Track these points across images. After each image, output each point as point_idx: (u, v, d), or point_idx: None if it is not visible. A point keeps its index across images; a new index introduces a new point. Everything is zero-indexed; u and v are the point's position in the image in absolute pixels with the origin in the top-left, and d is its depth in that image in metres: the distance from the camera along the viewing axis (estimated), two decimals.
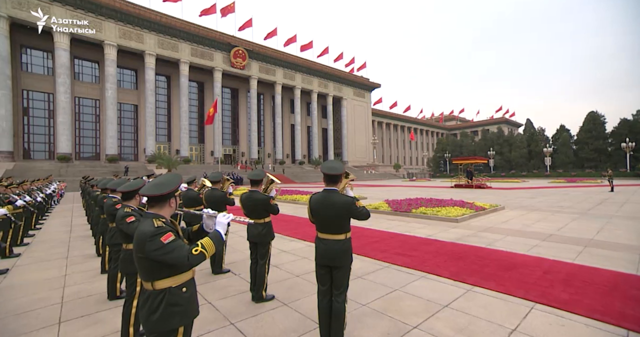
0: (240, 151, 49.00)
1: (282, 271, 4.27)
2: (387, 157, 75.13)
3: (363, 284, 3.68)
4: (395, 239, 6.02)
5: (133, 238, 1.49)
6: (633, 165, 36.86)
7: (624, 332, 2.52)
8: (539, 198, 13.90)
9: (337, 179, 2.27)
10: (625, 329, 2.56)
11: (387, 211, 9.43)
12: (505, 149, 50.86)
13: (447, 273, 3.96)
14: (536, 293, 3.27)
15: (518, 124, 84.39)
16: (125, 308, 2.47)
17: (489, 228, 6.95)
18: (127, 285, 2.55)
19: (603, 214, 8.85)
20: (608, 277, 3.77)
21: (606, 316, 2.77)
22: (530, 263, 4.31)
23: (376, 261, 4.60)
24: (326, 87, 55.90)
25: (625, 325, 2.61)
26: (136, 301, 2.39)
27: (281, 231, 6.91)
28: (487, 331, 2.57)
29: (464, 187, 21.68)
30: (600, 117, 43.41)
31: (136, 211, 2.55)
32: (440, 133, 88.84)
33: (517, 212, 9.32)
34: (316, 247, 2.35)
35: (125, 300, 2.50)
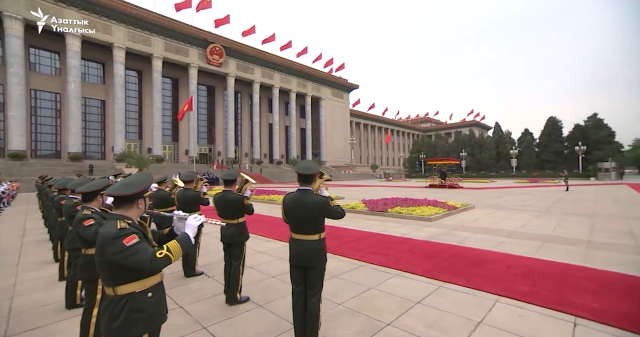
0: (217, 150, 47.81)
1: (258, 271, 4.21)
2: (364, 158, 76.31)
3: (339, 284, 3.70)
4: (371, 238, 6.12)
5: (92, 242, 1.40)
6: (584, 167, 39.98)
7: (572, 319, 2.75)
8: (506, 197, 14.70)
9: (311, 179, 2.27)
10: (573, 315, 2.80)
11: (364, 210, 9.58)
12: (476, 151, 53.33)
13: (420, 271, 4.08)
14: (500, 287, 3.45)
15: (488, 127, 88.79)
16: (84, 317, 2.31)
17: (460, 226, 7.24)
18: (87, 292, 2.40)
19: (559, 212, 9.52)
20: (561, 269, 4.07)
21: (559, 304, 2.99)
22: (496, 259, 4.55)
23: (352, 260, 4.65)
24: (305, 87, 55.85)
25: (573, 312, 2.85)
26: (96, 309, 2.25)
27: (257, 231, 6.81)
28: (455, 324, 2.68)
29: (437, 187, 22.46)
30: (558, 122, 46.67)
31: (97, 213, 2.39)
32: (416, 134, 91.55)
33: (485, 211, 9.79)
34: (290, 248, 2.34)
35: (85, 308, 2.34)
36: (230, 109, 45.47)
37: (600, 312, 2.84)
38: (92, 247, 2.28)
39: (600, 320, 2.70)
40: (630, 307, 2.94)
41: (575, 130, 44.26)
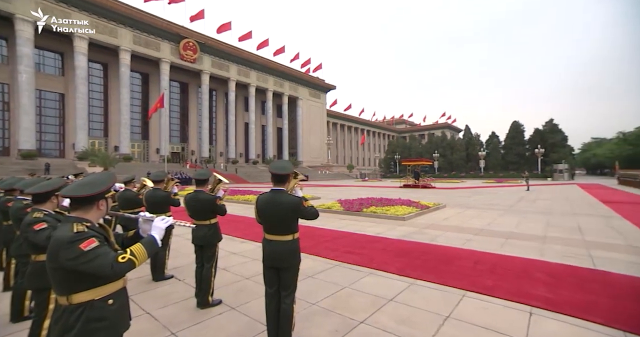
0: (190, 149, 46.26)
1: (231, 273, 4.12)
2: (341, 158, 77.07)
3: (313, 284, 3.71)
4: (346, 238, 6.19)
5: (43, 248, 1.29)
6: (543, 168, 43.04)
7: (529, 309, 2.96)
8: (474, 197, 15.45)
9: (284, 179, 2.26)
10: (529, 306, 3.02)
11: (340, 210, 9.67)
12: (447, 152, 55.58)
13: (393, 269, 4.19)
14: (468, 282, 3.62)
15: (459, 130, 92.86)
16: (32, 330, 2.12)
17: (431, 225, 7.51)
18: (37, 303, 2.20)
19: (521, 210, 10.16)
20: (521, 263, 4.35)
21: (518, 296, 3.20)
22: (465, 256, 4.77)
23: (327, 260, 4.68)
24: (282, 87, 55.44)
25: (530, 303, 3.07)
26: (47, 321, 2.06)
27: (231, 232, 6.67)
28: (425, 319, 2.78)
29: (411, 187, 23.14)
30: (520, 126, 49.84)
31: (51, 216, 2.20)
32: (391, 135, 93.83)
33: (456, 210, 10.23)
34: (263, 249, 2.32)
35: (34, 321, 2.15)
36: (205, 107, 44.12)
37: (553, 301, 3.08)
38: (42, 253, 2.08)
39: (553, 309, 2.93)
40: (578, 296, 3.20)
41: (535, 134, 47.49)
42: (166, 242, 3.95)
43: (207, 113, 44.52)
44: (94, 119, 36.60)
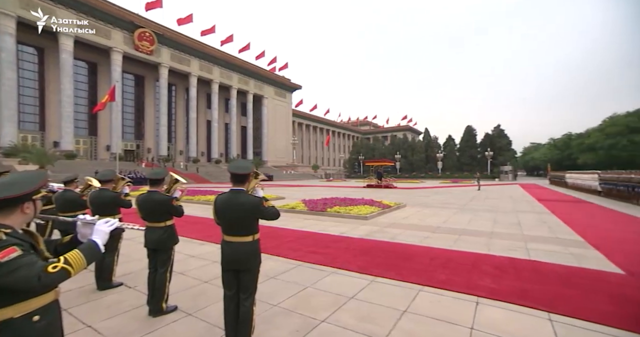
0: (146, 147, 43.32)
1: (189, 277, 3.91)
2: (306, 158, 77.22)
3: (275, 285, 3.66)
4: (309, 237, 6.21)
5: None
6: (492, 170, 47.05)
7: (476, 299, 3.20)
8: (432, 196, 16.37)
9: (244, 179, 2.20)
10: (476, 296, 3.27)
11: (304, 210, 9.67)
12: (408, 153, 58.25)
13: (355, 267, 4.28)
14: (424, 277, 3.82)
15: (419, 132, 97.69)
16: None
17: (393, 224, 7.81)
18: None
19: (473, 208, 10.98)
20: (471, 257, 4.69)
21: (467, 288, 3.44)
22: (422, 252, 5.02)
23: (290, 260, 4.65)
24: (246, 84, 54.13)
25: (477, 293, 3.32)
26: None
27: (190, 234, 6.35)
28: (384, 315, 2.88)
29: (374, 187, 23.86)
30: (473, 130, 53.90)
31: None
32: (356, 137, 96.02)
33: (415, 209, 10.75)
34: (222, 251, 2.23)
35: None
36: (163, 103, 41.59)
37: (496, 291, 3.37)
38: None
39: (495, 297, 3.21)
40: (516, 284, 3.53)
41: (485, 138, 51.70)
42: (115, 246, 3.64)
43: (165, 109, 42.01)
44: (27, 111, 32.60)
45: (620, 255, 4.86)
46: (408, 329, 2.62)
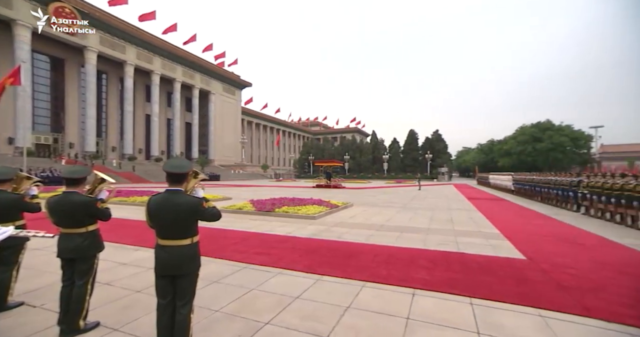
0: (67, 141, 37.97)
1: (117, 288, 3.51)
2: (255, 158, 75.44)
3: (218, 289, 3.50)
4: (256, 238, 6.07)
5: None
6: (431, 171, 51.54)
7: (412, 291, 3.45)
8: (378, 196, 17.25)
9: (181, 179, 2.06)
10: (413, 288, 3.53)
11: (251, 211, 9.43)
12: (357, 154, 60.58)
13: (301, 267, 4.29)
14: (367, 274, 4.00)
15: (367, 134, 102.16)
16: None
17: (339, 223, 8.02)
18: None
19: (413, 207, 11.86)
20: (410, 253, 5.06)
21: (405, 281, 3.70)
22: (366, 250, 5.25)
23: (235, 263, 4.48)
24: (192, 78, 50.88)
25: (414, 285, 3.59)
26: None
27: (123, 239, 5.73)
28: (328, 312, 2.94)
29: (323, 187, 24.30)
30: (416, 134, 58.35)
31: None
32: (306, 137, 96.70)
33: (361, 208, 11.20)
34: (156, 256, 2.05)
35: None
36: (91, 92, 36.88)
37: (429, 282, 3.68)
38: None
39: (429, 288, 3.50)
40: (446, 275, 3.91)
41: (426, 141, 56.42)
42: (13, 260, 2.99)
43: (94, 99, 37.29)
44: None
45: (524, 244, 5.69)
46: (351, 324, 2.71)
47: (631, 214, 7.77)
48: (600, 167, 32.30)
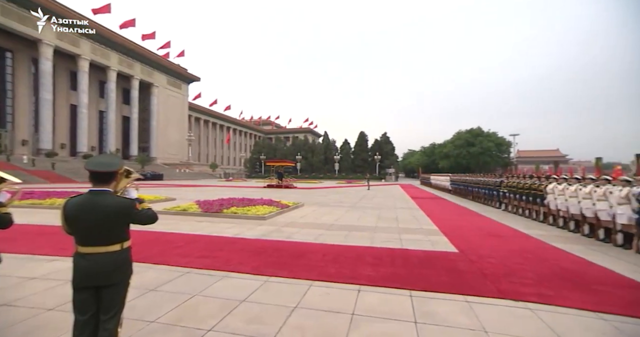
0: None
1: (21, 308, 2.94)
2: (203, 156, 71.47)
3: (156, 297, 3.22)
4: (201, 241, 5.74)
5: None
6: (380, 171, 54.31)
7: (358, 287, 3.58)
8: (329, 196, 17.58)
9: (108, 178, 1.83)
10: (359, 285, 3.65)
11: (197, 212, 8.90)
12: (309, 155, 60.99)
13: (248, 269, 4.17)
14: (315, 273, 4.03)
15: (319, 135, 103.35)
16: None
17: (290, 223, 7.99)
18: None
19: (362, 206, 12.35)
20: (357, 250, 5.25)
21: (352, 278, 3.82)
22: (315, 249, 5.30)
23: (177, 268, 4.18)
24: (131, 68, 46.25)
25: (360, 282, 3.70)
26: None
27: (36, 248, 4.95)
28: (275, 314, 2.89)
29: (275, 187, 23.97)
30: (365, 136, 60.88)
31: None
32: (258, 136, 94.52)
33: (312, 208, 11.30)
34: (75, 266, 1.78)
35: None
36: None
37: (374, 278, 3.86)
38: None
39: (373, 284, 3.66)
40: (389, 270, 4.14)
41: (375, 143, 59.20)
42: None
43: None
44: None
45: (457, 238, 6.31)
46: (297, 324, 2.71)
47: (535, 210, 9.12)
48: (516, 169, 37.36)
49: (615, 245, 5.86)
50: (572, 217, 7.23)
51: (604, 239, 6.23)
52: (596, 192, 6.30)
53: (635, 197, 5.40)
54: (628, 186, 5.76)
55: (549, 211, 8.23)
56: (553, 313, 2.98)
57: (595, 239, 6.37)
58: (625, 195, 5.57)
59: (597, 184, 6.50)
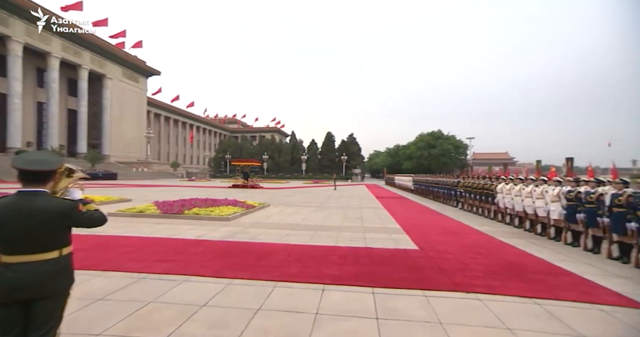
0: None
1: None
2: (164, 154, 67.55)
3: (104, 307, 2.98)
4: (159, 244, 5.43)
5: None
6: (346, 172, 55.31)
7: (322, 287, 3.61)
8: (296, 196, 17.52)
9: (44, 178, 1.64)
10: (323, 284, 3.67)
11: (155, 213, 8.40)
12: (276, 154, 60.28)
13: (210, 272, 4.02)
14: (280, 274, 4.00)
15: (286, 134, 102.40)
16: None
17: (255, 224, 7.84)
18: None
19: (329, 206, 12.49)
20: (322, 250, 5.30)
21: (316, 278, 3.85)
22: (280, 250, 5.26)
23: (130, 274, 3.90)
24: (78, 56, 42.22)
25: (324, 281, 3.75)
26: None
27: None
28: (237, 317, 2.82)
29: (240, 187, 23.37)
30: (332, 136, 61.62)
31: None
32: (223, 134, 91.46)
33: (279, 208, 11.19)
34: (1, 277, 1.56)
35: None
36: None
37: (338, 277, 3.92)
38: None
39: (338, 283, 3.72)
40: (354, 269, 4.24)
41: (341, 144, 60.12)
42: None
43: None
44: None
45: (418, 236, 6.64)
46: (260, 326, 2.67)
47: (487, 208, 9.90)
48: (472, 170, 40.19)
49: (549, 238, 6.57)
50: (517, 214, 7.95)
51: (541, 233, 6.94)
52: (535, 191, 6.99)
53: (564, 196, 6.09)
54: (559, 185, 6.50)
55: (498, 209, 8.96)
56: (498, 302, 3.25)
57: (534, 233, 7.08)
58: (557, 194, 6.27)
59: (537, 184, 7.21)
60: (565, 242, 6.08)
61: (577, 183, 6.32)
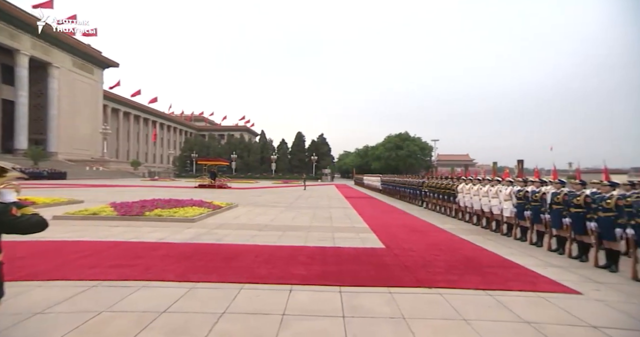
0: None
1: None
2: (123, 152, 63.27)
3: (43, 322, 2.68)
4: (115, 248, 5.06)
5: None
6: (316, 172, 55.57)
7: (289, 287, 3.55)
8: (265, 196, 17.24)
9: None
10: (290, 284, 3.64)
11: (112, 216, 7.83)
12: (245, 154, 58.95)
13: (172, 276, 3.82)
14: (246, 275, 3.90)
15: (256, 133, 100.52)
16: None
17: (222, 225, 7.59)
18: None
19: (298, 206, 12.44)
20: (291, 250, 5.27)
21: (282, 278, 3.80)
22: (247, 251, 5.14)
23: (80, 282, 3.58)
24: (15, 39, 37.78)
25: (291, 282, 3.70)
26: None
27: None
28: (201, 322, 2.70)
29: (207, 187, 22.54)
30: (303, 136, 61.56)
31: None
32: (189, 132, 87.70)
33: (246, 209, 10.94)
34: None
35: None
36: None
37: (306, 277, 3.92)
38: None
39: (305, 283, 3.72)
40: (321, 269, 4.26)
41: (311, 144, 60.30)
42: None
43: None
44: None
45: (384, 235, 6.83)
46: (224, 330, 2.58)
47: (449, 206, 10.46)
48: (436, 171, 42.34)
49: (502, 234, 7.11)
50: (475, 212, 8.48)
51: (496, 229, 7.48)
52: (490, 191, 7.52)
53: (514, 195, 6.62)
54: (511, 185, 7.05)
55: (459, 208, 9.49)
56: (456, 295, 3.44)
57: (490, 230, 7.61)
58: (509, 193, 6.81)
59: (492, 184, 7.75)
60: (515, 238, 6.60)
61: (525, 183, 6.89)
